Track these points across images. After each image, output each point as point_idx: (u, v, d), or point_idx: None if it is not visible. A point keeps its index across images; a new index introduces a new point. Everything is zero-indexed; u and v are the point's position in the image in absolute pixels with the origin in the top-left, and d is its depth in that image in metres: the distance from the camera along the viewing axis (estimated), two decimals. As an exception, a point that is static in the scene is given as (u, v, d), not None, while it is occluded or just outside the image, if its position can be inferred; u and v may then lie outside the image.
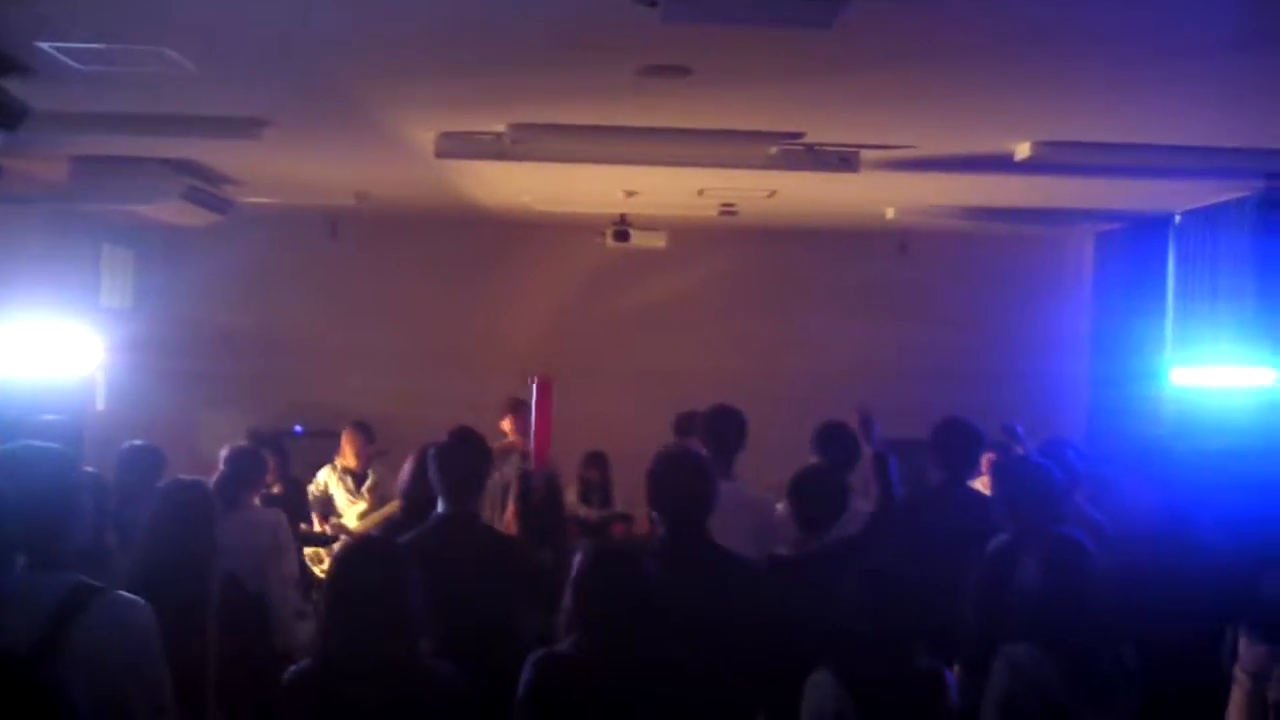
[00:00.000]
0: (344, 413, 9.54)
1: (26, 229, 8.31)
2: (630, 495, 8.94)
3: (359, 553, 3.88)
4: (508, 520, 5.91)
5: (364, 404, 9.66)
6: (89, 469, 4.26)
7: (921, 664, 4.18)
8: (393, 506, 6.72)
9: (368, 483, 8.78)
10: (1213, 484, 5.59)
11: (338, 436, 9.24)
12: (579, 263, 11.16)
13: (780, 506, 5.86)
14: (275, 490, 8.02)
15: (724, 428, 6.11)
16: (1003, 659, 4.21)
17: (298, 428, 10.49)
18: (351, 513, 8.64)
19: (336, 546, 7.78)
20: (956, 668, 4.76)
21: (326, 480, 8.88)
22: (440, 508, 4.90)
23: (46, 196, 7.91)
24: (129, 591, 3.67)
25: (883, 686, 4.09)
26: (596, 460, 9.36)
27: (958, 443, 5.98)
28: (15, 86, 5.19)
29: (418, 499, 5.26)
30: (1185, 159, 6.75)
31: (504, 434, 8.46)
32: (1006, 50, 4.78)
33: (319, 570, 8.05)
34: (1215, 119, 6.01)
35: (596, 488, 9.35)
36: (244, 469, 6.41)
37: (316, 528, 8.68)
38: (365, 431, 8.95)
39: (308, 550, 8.37)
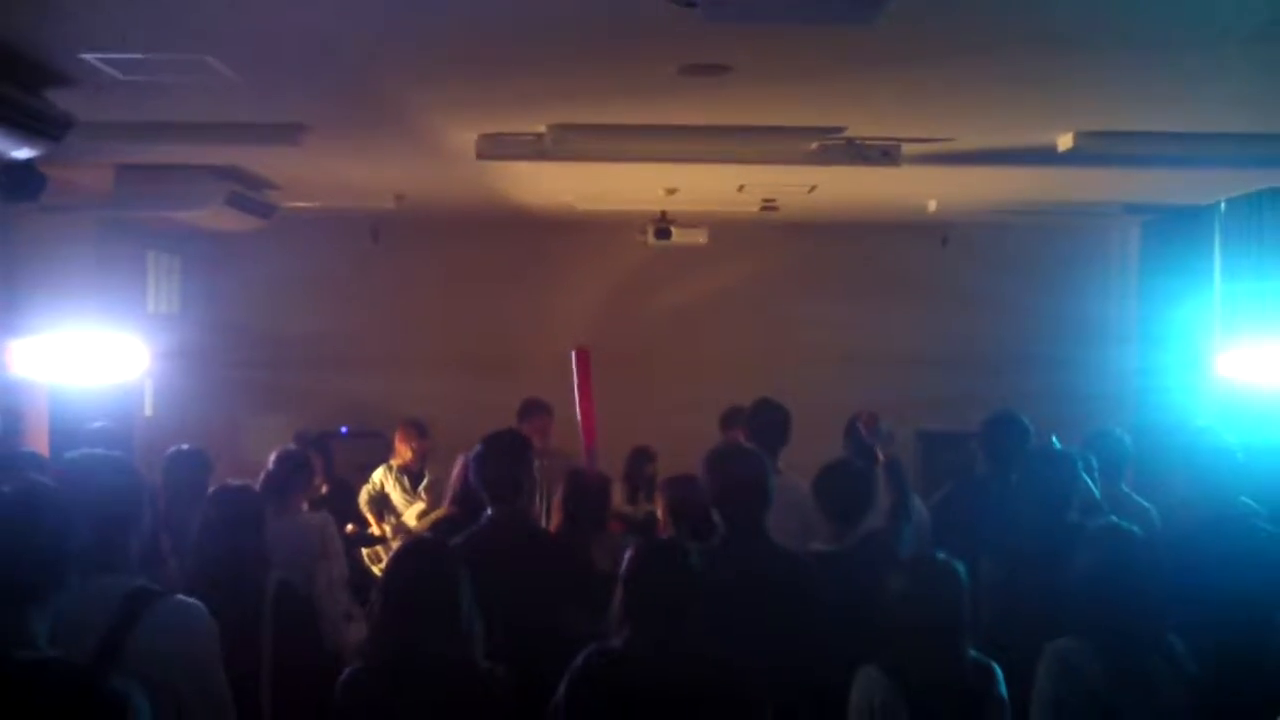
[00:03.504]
0: (388, 413, 9.57)
1: (74, 238, 8.39)
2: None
3: (413, 554, 3.92)
4: (555, 521, 5.91)
5: (407, 404, 9.67)
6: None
7: (970, 657, 4.15)
8: (443, 510, 6.73)
9: (424, 482, 8.68)
10: (1262, 473, 5.54)
11: (382, 437, 9.22)
12: (620, 261, 11.17)
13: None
14: (322, 491, 8.04)
15: (768, 423, 6.11)
16: (1049, 655, 4.19)
17: (343, 428, 10.54)
18: (410, 513, 8.56)
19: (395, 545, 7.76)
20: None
21: (382, 480, 8.79)
22: (489, 509, 4.92)
23: (93, 205, 7.98)
24: (183, 595, 3.71)
25: (931, 680, 4.06)
26: (644, 456, 9.32)
27: (1005, 437, 5.96)
28: (59, 97, 5.24)
29: (468, 501, 5.28)
30: (1229, 146, 6.69)
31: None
32: (1048, 40, 4.75)
33: (377, 570, 7.97)
34: (1258, 106, 5.95)
35: (645, 484, 9.31)
36: (291, 473, 6.43)
37: (374, 528, 8.66)
38: (418, 428, 8.84)
39: (366, 550, 8.37)
